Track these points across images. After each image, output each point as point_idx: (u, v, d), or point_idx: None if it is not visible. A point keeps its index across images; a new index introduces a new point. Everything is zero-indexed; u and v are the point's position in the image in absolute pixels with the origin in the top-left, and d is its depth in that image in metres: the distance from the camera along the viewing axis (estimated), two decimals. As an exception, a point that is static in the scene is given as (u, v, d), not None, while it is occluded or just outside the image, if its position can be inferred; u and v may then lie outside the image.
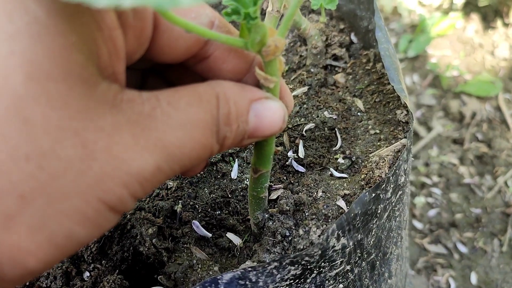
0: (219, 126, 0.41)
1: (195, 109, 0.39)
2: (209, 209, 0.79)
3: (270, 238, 0.69)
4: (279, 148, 0.57)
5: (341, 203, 0.69)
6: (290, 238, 0.68)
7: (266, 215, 0.70)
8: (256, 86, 0.47)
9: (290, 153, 0.83)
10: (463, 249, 1.86)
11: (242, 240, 0.76)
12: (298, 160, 0.83)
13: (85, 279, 0.73)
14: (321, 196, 0.73)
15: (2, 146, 0.30)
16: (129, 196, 0.36)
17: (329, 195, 0.73)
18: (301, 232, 0.67)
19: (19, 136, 0.31)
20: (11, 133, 0.31)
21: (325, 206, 0.69)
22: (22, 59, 0.31)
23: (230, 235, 0.76)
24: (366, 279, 0.74)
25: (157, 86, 0.54)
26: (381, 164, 0.73)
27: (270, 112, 0.46)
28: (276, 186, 0.78)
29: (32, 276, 0.34)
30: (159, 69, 0.53)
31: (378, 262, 0.75)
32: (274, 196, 0.76)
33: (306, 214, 0.70)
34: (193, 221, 0.76)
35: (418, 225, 1.95)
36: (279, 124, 0.47)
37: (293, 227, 0.69)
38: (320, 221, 0.67)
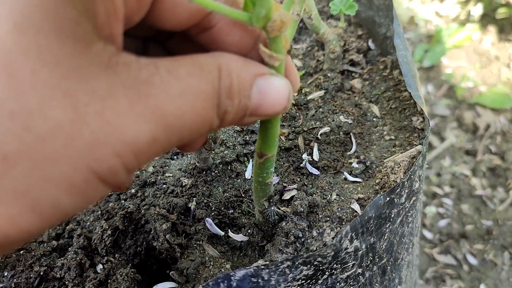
0: (220, 99, 0.39)
1: (195, 79, 0.37)
2: (223, 208, 0.80)
3: (283, 239, 0.69)
4: (284, 131, 0.55)
5: (355, 206, 0.70)
6: (303, 240, 0.69)
7: (273, 205, 0.69)
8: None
9: (304, 156, 0.84)
10: (473, 260, 1.85)
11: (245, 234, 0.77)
12: (313, 163, 0.83)
13: (98, 271, 0.74)
14: (335, 199, 0.73)
15: None
16: (121, 167, 0.33)
17: (343, 198, 0.73)
18: (314, 233, 0.67)
19: (3, 90, 0.28)
20: None
21: (339, 209, 0.69)
22: (12, 8, 0.29)
23: (232, 234, 0.77)
24: (376, 284, 0.74)
25: (158, 56, 0.53)
26: (396, 169, 0.73)
27: (275, 89, 0.43)
28: (289, 186, 0.79)
29: (12, 246, 0.32)
30: (160, 38, 0.50)
31: (389, 267, 0.75)
32: (287, 196, 0.77)
33: (320, 216, 0.70)
34: (207, 218, 0.77)
35: (428, 234, 1.94)
36: (284, 103, 0.44)
37: (307, 229, 0.69)
38: (334, 224, 0.68)
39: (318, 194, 0.75)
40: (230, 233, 0.76)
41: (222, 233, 0.76)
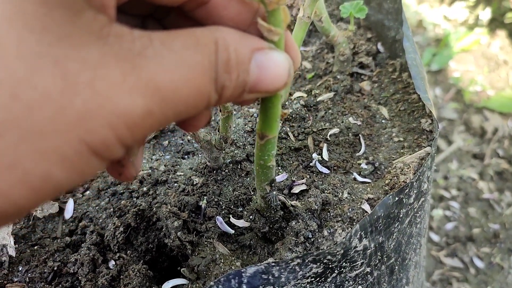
0: (218, 72, 0.37)
1: (191, 52, 0.35)
2: (232, 206, 0.81)
3: (293, 238, 0.70)
4: (286, 111, 0.53)
5: (366, 206, 0.71)
6: (313, 239, 0.70)
7: (275, 189, 0.67)
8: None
9: (314, 155, 0.85)
10: (479, 264, 1.85)
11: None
12: (322, 162, 0.84)
13: (111, 267, 0.75)
14: (346, 198, 0.74)
15: None
16: (115, 140, 0.32)
17: (354, 197, 0.74)
18: (325, 233, 0.68)
19: None
20: None
21: (350, 209, 0.70)
22: None
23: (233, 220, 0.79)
24: (384, 283, 0.75)
25: None
26: (406, 170, 0.74)
27: (274, 63, 0.41)
28: (298, 181, 0.80)
29: (4, 221, 0.31)
30: (158, 16, 0.49)
31: (397, 267, 0.76)
32: (296, 190, 0.78)
33: (331, 214, 0.71)
34: (217, 217, 0.78)
35: (435, 237, 1.94)
36: (284, 78, 0.42)
37: (317, 230, 0.70)
38: (345, 224, 0.69)
39: (329, 191, 0.76)
40: (232, 219, 0.76)
41: (232, 231, 0.77)
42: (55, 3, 0.30)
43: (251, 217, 0.74)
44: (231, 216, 0.78)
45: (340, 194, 0.75)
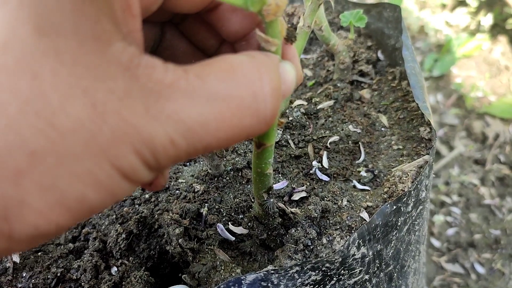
0: (259, 104, 0.37)
1: (227, 84, 0.35)
2: (233, 213, 0.82)
3: (293, 246, 0.71)
4: (283, 120, 0.53)
5: (365, 215, 0.72)
6: (312, 247, 0.71)
7: (272, 197, 0.67)
8: (258, 49, 0.43)
9: (314, 163, 0.86)
10: (480, 269, 1.85)
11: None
12: (322, 170, 0.85)
13: (113, 273, 0.76)
14: (345, 205, 0.75)
15: (11, 100, 0.29)
16: (141, 165, 0.33)
17: (353, 205, 0.75)
18: (324, 241, 0.69)
19: (30, 91, 0.29)
20: (21, 87, 0.29)
21: (348, 217, 0.71)
22: (31, 11, 0.30)
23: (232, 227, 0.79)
24: (383, 290, 0.76)
25: (175, 40, 0.52)
26: (404, 178, 0.75)
27: (287, 74, 0.42)
28: (298, 188, 0.81)
29: (43, 239, 0.33)
30: (176, 21, 0.50)
31: (395, 274, 0.77)
32: (296, 197, 0.79)
33: (330, 222, 0.72)
34: (218, 224, 0.79)
35: (436, 243, 1.95)
36: (292, 88, 0.43)
37: (316, 238, 0.71)
38: (344, 232, 0.70)
39: (329, 199, 0.77)
40: (230, 226, 0.77)
41: (233, 238, 0.78)
42: (86, 36, 0.31)
43: (249, 224, 0.75)
44: (230, 223, 0.79)
45: (340, 201, 0.76)
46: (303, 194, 0.80)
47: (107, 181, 0.32)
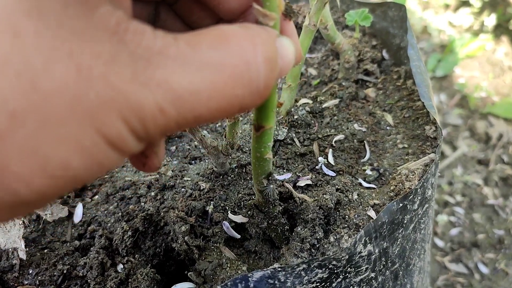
0: (257, 72, 0.36)
1: (219, 52, 0.34)
2: (236, 209, 0.82)
3: (299, 244, 0.72)
4: (281, 101, 0.52)
5: (371, 213, 0.72)
6: (318, 246, 0.71)
7: (272, 183, 0.65)
8: None
9: (320, 159, 0.86)
10: (484, 269, 1.85)
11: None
12: (328, 166, 0.85)
13: (119, 270, 0.76)
14: (355, 199, 0.75)
15: None
16: (129, 133, 0.32)
17: (362, 200, 0.75)
18: (331, 239, 0.69)
19: (10, 49, 0.28)
20: (1, 43, 0.28)
21: (356, 216, 0.71)
22: None
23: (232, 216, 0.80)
24: (388, 288, 0.76)
25: (169, 20, 0.50)
26: (411, 176, 0.75)
27: (285, 49, 0.40)
28: (303, 177, 0.81)
29: (25, 209, 0.31)
30: (170, 1, 0.49)
31: (401, 273, 0.77)
32: (302, 183, 0.79)
33: (340, 214, 0.73)
34: (224, 222, 0.79)
35: (440, 243, 1.94)
36: (292, 63, 0.41)
37: (323, 238, 0.72)
38: (352, 230, 0.70)
39: (340, 190, 0.77)
40: (230, 215, 0.76)
41: (238, 236, 0.79)
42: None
43: (249, 212, 0.73)
44: (229, 212, 0.79)
45: (350, 195, 0.76)
46: (309, 182, 0.80)
47: (92, 148, 0.31)
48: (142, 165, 0.45)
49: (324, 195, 0.73)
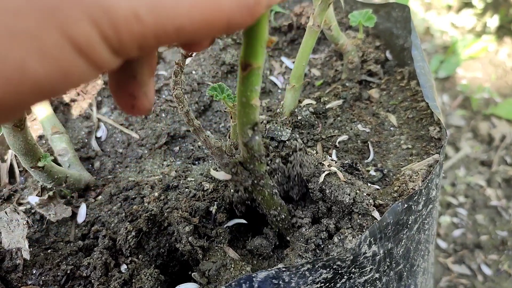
0: None
1: None
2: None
3: (303, 245, 0.71)
4: (274, 38, 0.47)
5: (375, 213, 0.72)
6: (322, 246, 0.71)
7: (257, 134, 0.58)
8: None
9: (329, 158, 0.85)
10: (487, 271, 1.85)
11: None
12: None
13: (123, 271, 0.76)
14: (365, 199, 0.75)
15: None
16: (99, 39, 0.29)
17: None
18: (336, 239, 0.69)
19: None
20: None
21: (360, 216, 0.71)
22: None
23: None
24: (392, 289, 0.76)
25: None
26: (415, 177, 0.75)
27: None
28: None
29: None
30: None
31: (405, 273, 0.77)
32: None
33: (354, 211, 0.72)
34: (227, 222, 0.79)
35: (443, 244, 1.94)
36: None
37: (327, 239, 0.71)
38: (356, 231, 0.70)
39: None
40: (212, 171, 0.69)
41: (245, 221, 0.79)
42: None
43: (233, 169, 0.65)
44: (211, 169, 0.75)
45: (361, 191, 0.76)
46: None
47: (55, 51, 0.27)
48: (131, 107, 0.42)
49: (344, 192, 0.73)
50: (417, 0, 3.16)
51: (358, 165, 0.82)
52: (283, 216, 0.73)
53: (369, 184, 0.81)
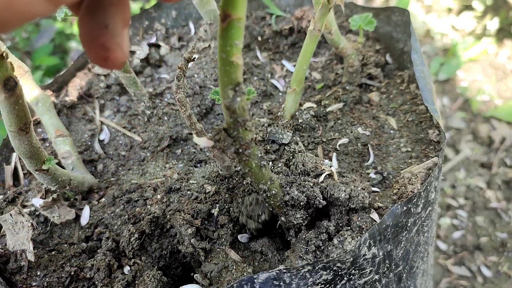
0: None
1: None
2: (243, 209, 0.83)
3: (303, 246, 0.72)
4: None
5: (375, 216, 0.72)
6: (323, 248, 0.72)
7: (240, 95, 0.53)
8: None
9: (326, 161, 0.86)
10: (487, 272, 1.86)
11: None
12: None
13: (126, 272, 0.77)
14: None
15: None
16: None
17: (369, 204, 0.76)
18: (335, 241, 0.70)
19: None
20: None
21: (359, 218, 0.72)
22: None
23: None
24: (392, 291, 0.77)
25: None
26: (414, 180, 0.76)
27: None
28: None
29: None
30: None
31: (405, 275, 0.78)
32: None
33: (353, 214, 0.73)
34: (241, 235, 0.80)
35: (442, 246, 1.95)
36: None
37: (327, 240, 0.72)
38: (355, 233, 0.71)
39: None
40: (195, 137, 0.61)
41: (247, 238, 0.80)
42: None
43: (216, 136, 0.59)
44: (194, 135, 0.71)
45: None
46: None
47: None
48: (104, 60, 0.40)
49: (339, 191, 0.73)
50: (417, 2, 3.17)
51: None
52: (274, 191, 0.69)
53: (364, 182, 0.82)
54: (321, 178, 0.76)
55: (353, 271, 0.65)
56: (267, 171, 0.67)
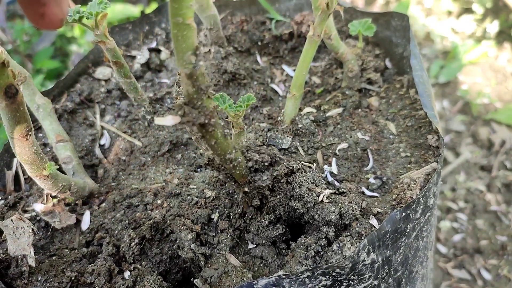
0: None
1: None
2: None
3: (303, 251, 0.73)
4: None
5: (374, 221, 0.73)
6: (322, 253, 0.72)
7: (202, 59, 0.52)
8: None
9: (326, 167, 0.87)
10: (487, 276, 1.86)
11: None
12: (332, 176, 0.87)
13: (126, 277, 0.78)
14: (364, 208, 0.76)
15: None
16: None
17: (368, 209, 0.76)
18: (335, 247, 0.70)
19: None
20: None
21: (358, 224, 0.73)
22: None
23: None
24: (391, 296, 0.77)
25: None
26: (413, 185, 0.76)
27: None
28: None
29: None
30: None
31: (404, 280, 0.78)
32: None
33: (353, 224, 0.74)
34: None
35: (442, 249, 1.95)
36: None
37: (327, 246, 0.73)
38: (354, 238, 0.71)
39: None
40: (156, 119, 0.59)
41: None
42: None
43: (179, 112, 0.55)
44: (155, 116, 0.67)
45: (360, 202, 0.77)
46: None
47: None
48: (40, 17, 0.38)
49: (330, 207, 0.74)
50: (417, 5, 3.18)
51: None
52: (239, 159, 0.68)
53: (360, 189, 0.83)
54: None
55: (352, 276, 0.66)
56: (230, 140, 0.64)
